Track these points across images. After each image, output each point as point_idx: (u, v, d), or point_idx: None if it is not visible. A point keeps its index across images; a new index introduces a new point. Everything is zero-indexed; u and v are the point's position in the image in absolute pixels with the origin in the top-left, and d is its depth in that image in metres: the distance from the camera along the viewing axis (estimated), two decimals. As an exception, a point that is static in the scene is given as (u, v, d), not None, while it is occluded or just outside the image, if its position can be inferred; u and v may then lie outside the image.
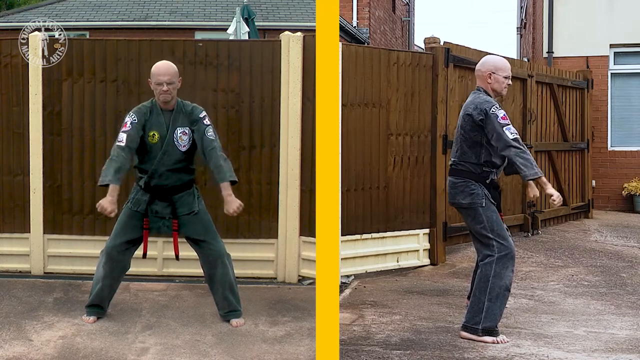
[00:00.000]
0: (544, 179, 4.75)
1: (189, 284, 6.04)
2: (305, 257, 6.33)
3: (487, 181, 4.87)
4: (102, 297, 5.08)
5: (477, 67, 5.03)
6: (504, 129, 4.71)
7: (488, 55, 5.15)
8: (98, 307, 5.08)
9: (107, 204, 4.76)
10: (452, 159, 5.01)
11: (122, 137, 4.87)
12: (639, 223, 10.36)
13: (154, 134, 4.94)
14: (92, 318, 5.03)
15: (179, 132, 4.97)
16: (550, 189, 4.78)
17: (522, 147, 4.71)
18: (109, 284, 5.08)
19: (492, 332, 4.74)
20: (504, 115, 4.78)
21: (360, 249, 6.87)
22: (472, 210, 4.85)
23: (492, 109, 4.76)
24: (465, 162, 4.89)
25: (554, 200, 4.70)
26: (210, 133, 4.97)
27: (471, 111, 4.83)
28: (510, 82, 4.98)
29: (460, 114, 5.00)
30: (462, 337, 4.82)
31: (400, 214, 7.18)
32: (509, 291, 4.83)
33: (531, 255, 7.87)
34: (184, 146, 4.99)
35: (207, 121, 5.00)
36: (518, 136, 4.76)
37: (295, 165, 6.37)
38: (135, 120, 4.92)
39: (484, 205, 4.82)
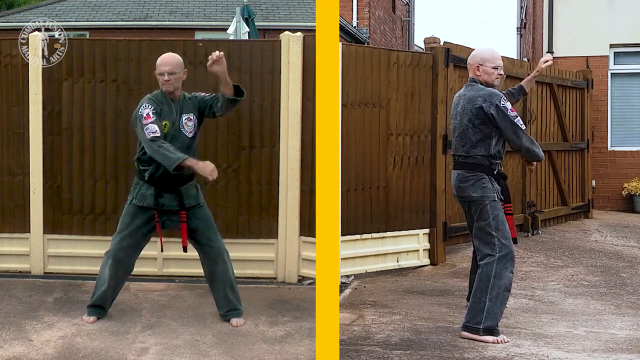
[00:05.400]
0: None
1: (189, 284, 6.04)
2: (305, 257, 6.33)
3: (495, 172, 4.89)
4: (105, 299, 5.09)
5: (468, 60, 5.07)
6: (516, 121, 4.81)
7: (477, 48, 5.14)
8: (100, 308, 5.09)
9: (209, 166, 4.79)
10: (459, 153, 4.97)
11: (154, 128, 4.82)
12: (639, 223, 10.36)
13: (165, 123, 4.95)
14: (92, 318, 5.03)
15: (184, 118, 5.01)
16: None
17: (531, 138, 4.90)
18: (114, 286, 5.09)
19: (493, 331, 4.74)
20: (512, 107, 4.87)
21: (360, 249, 6.87)
22: (481, 204, 4.83)
23: (501, 102, 4.80)
24: (475, 155, 4.87)
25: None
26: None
27: (481, 103, 4.81)
28: (501, 72, 4.96)
29: (464, 107, 4.92)
30: (462, 337, 4.81)
31: (400, 214, 7.18)
32: (509, 291, 4.83)
33: (531, 255, 7.87)
34: (190, 132, 5.03)
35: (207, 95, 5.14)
36: (524, 126, 4.89)
37: (295, 165, 6.37)
38: (154, 110, 4.91)
39: (494, 200, 4.82)
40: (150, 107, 4.91)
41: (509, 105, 4.83)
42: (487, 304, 4.74)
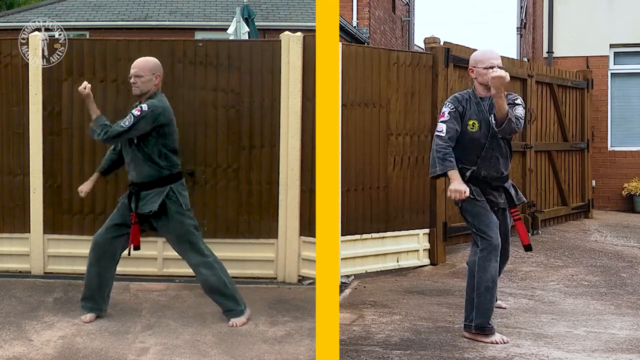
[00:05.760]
0: (450, 173, 4.76)
1: (189, 284, 6.03)
2: (305, 257, 6.33)
3: (466, 177, 4.87)
4: (91, 289, 5.07)
5: None
6: (437, 126, 4.87)
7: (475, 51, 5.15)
8: (91, 302, 5.07)
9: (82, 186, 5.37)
10: None
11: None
12: (639, 223, 10.36)
13: None
14: (88, 316, 5.03)
15: None
16: (453, 185, 4.73)
17: (437, 147, 4.76)
18: (97, 273, 5.05)
19: (484, 328, 4.74)
20: (443, 112, 4.88)
21: (360, 249, 6.87)
22: (459, 207, 4.97)
23: (443, 106, 4.94)
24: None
25: (449, 195, 4.76)
26: (125, 119, 4.89)
27: None
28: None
29: None
30: (463, 337, 4.82)
31: (400, 214, 7.18)
32: (496, 282, 4.84)
33: (531, 255, 7.87)
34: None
35: (134, 110, 4.91)
36: (444, 134, 4.79)
37: (295, 165, 6.37)
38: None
39: (460, 205, 4.90)
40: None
41: (446, 109, 4.87)
42: (475, 300, 4.77)
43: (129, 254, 5.10)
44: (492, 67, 4.82)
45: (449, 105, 4.88)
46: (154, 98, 5.00)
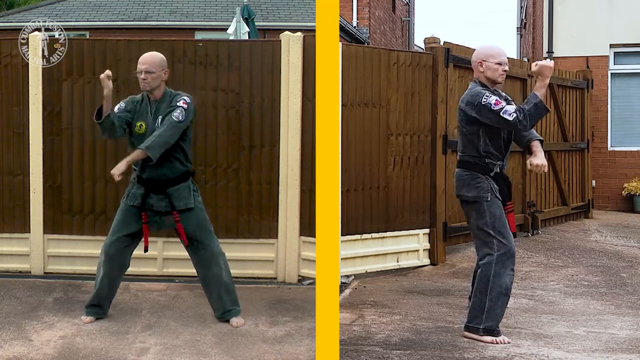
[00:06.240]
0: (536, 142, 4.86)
1: (189, 284, 6.03)
2: (305, 257, 6.33)
3: (492, 174, 4.82)
4: (101, 297, 5.08)
5: (472, 58, 4.95)
6: (502, 114, 4.62)
7: (480, 45, 5.07)
8: (97, 307, 5.08)
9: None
10: (459, 152, 4.99)
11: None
12: (639, 223, 10.36)
13: (141, 124, 4.96)
14: (89, 318, 5.02)
15: (159, 120, 4.94)
16: (538, 158, 4.81)
17: (523, 119, 4.58)
18: (108, 283, 5.07)
19: (493, 332, 4.74)
20: (497, 100, 4.67)
21: (360, 249, 6.87)
22: (477, 204, 4.79)
23: (482, 100, 4.68)
24: (468, 155, 4.86)
25: (536, 169, 4.76)
26: (176, 114, 4.86)
27: (463, 106, 4.82)
28: (506, 68, 4.82)
29: (458, 107, 4.97)
30: (464, 337, 4.81)
31: (400, 214, 7.18)
32: (510, 290, 4.80)
33: (531, 255, 7.87)
34: None
35: (181, 103, 4.90)
36: (515, 112, 4.59)
37: (295, 165, 6.37)
38: (122, 106, 5.02)
39: (489, 200, 4.75)
40: (121, 103, 5.04)
41: (492, 99, 4.66)
42: (487, 304, 4.73)
43: (145, 251, 5.09)
44: (502, 63, 4.79)
45: (489, 95, 4.68)
46: (167, 92, 5.01)
